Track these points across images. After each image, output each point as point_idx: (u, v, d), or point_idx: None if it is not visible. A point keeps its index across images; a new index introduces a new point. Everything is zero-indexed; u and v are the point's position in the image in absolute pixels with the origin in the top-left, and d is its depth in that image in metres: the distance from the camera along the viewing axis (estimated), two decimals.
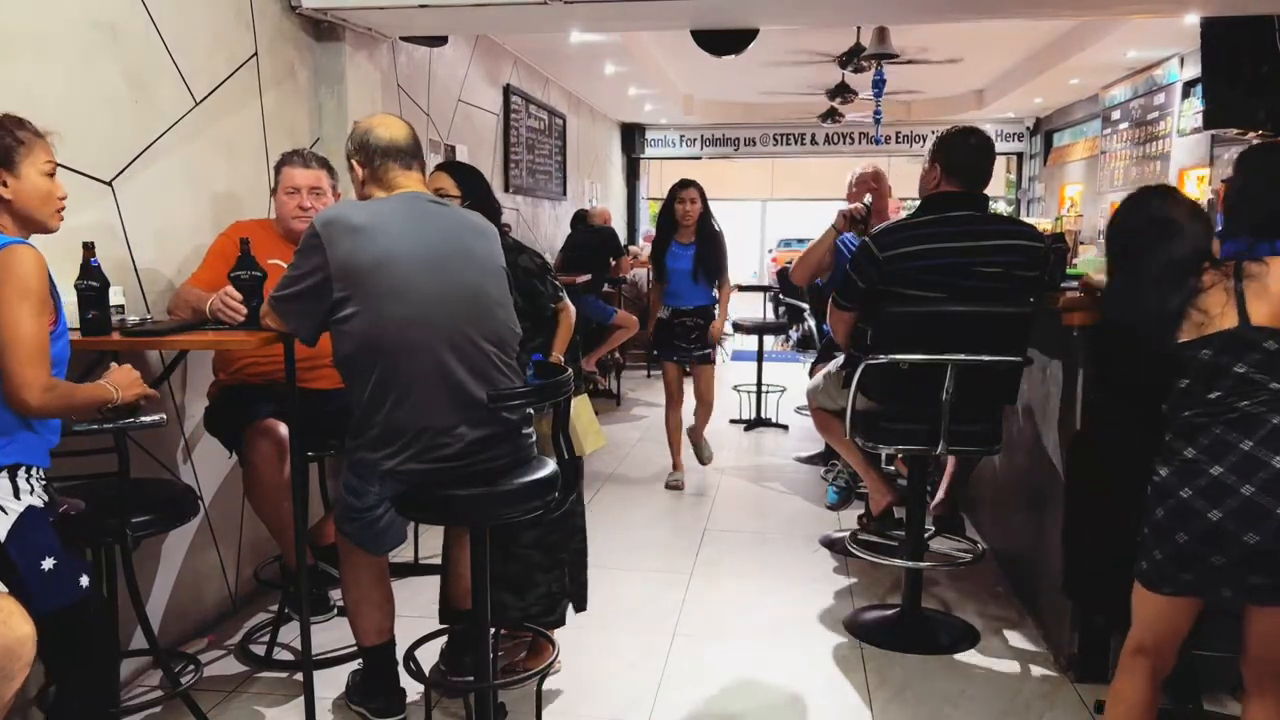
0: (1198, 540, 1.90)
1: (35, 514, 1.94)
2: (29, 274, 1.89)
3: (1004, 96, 10.30)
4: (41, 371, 1.89)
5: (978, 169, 3.06)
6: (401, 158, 2.44)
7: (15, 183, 2.01)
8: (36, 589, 1.89)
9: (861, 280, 3.07)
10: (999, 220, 3.26)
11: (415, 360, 2.29)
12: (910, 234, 3.03)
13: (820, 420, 3.90)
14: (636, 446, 6.17)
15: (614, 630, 3.37)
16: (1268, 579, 1.87)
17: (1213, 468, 1.91)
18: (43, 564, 1.91)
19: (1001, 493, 3.98)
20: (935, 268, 2.97)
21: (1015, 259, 2.96)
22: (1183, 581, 1.97)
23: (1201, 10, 4.65)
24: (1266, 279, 2.00)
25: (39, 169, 2.04)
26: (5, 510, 1.90)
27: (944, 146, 3.09)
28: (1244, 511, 1.86)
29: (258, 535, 3.49)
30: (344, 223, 2.29)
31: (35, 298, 1.89)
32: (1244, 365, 1.95)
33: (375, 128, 2.45)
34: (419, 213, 2.39)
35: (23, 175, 2.01)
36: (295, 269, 2.33)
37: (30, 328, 1.88)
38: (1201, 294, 2.03)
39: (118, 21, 2.90)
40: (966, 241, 2.96)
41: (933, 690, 2.96)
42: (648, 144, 13.07)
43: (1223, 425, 1.94)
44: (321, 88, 4.08)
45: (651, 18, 4.46)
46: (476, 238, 2.48)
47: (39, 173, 2.04)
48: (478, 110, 6.76)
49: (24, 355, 1.87)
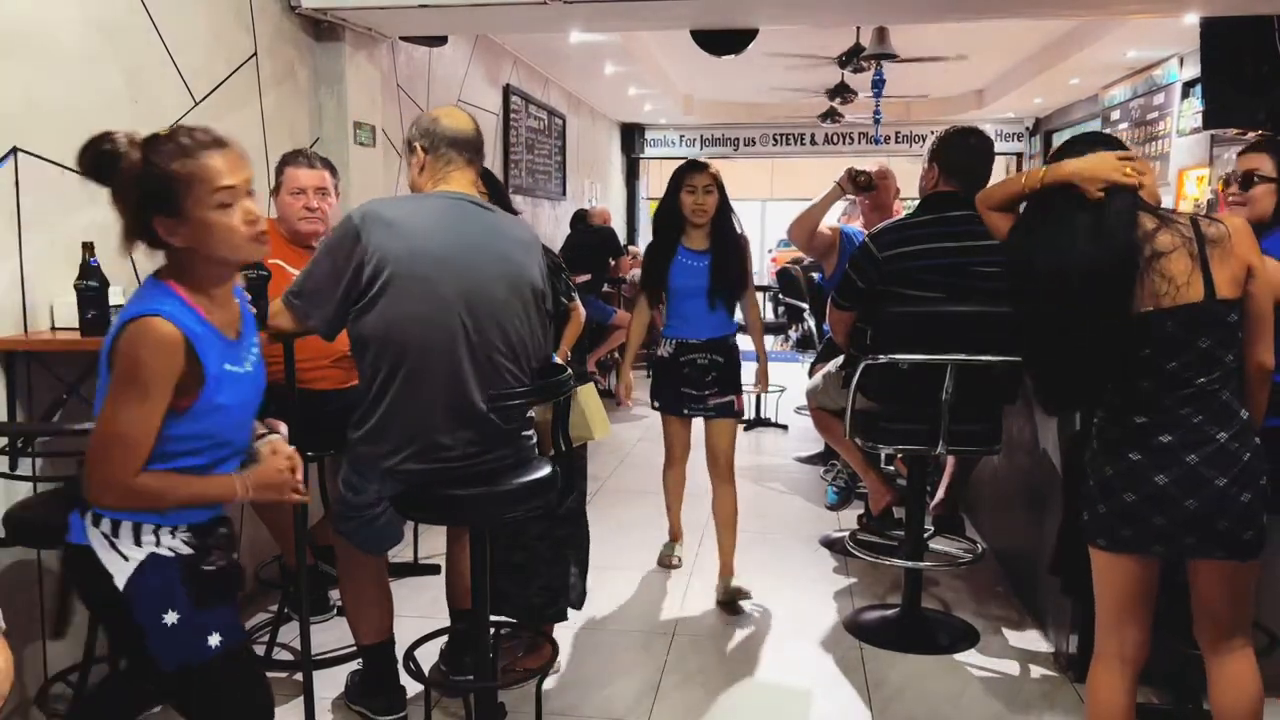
0: (1142, 500, 1.99)
1: (160, 562, 1.70)
2: (139, 357, 1.60)
3: (1004, 96, 10.31)
4: (121, 469, 1.62)
5: (976, 169, 3.06)
6: (465, 150, 2.42)
7: (185, 227, 1.64)
8: (155, 644, 1.70)
9: (861, 280, 3.08)
10: None
11: (426, 360, 2.28)
12: (909, 234, 3.04)
13: (820, 420, 3.90)
14: (636, 446, 6.17)
15: (614, 630, 3.37)
16: (1198, 539, 1.98)
17: (1162, 435, 1.98)
18: (164, 617, 1.69)
19: (1001, 493, 3.98)
20: (934, 268, 2.97)
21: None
22: (1121, 537, 2.03)
23: (1201, 10, 4.65)
24: (1229, 244, 1.98)
25: (211, 202, 1.64)
26: (126, 557, 1.69)
27: (943, 146, 3.10)
28: (1186, 479, 1.96)
29: (258, 535, 3.49)
30: (378, 215, 2.28)
31: (140, 384, 1.60)
32: (1207, 340, 1.96)
33: (442, 117, 2.44)
34: (458, 215, 2.37)
35: (190, 215, 1.63)
36: (327, 258, 2.29)
37: (125, 418, 1.61)
38: (1163, 258, 1.97)
39: (118, 21, 2.90)
40: (965, 241, 2.96)
41: (933, 690, 2.96)
42: (647, 144, 13.07)
43: (1176, 398, 1.98)
44: (321, 88, 4.08)
45: (651, 18, 4.46)
46: (515, 246, 2.44)
47: (212, 206, 1.64)
48: (477, 110, 6.76)
49: (103, 449, 1.62)
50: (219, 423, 1.71)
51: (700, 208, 3.50)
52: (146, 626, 1.69)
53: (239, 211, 1.66)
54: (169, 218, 1.63)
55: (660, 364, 3.67)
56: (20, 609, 2.54)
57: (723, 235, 3.56)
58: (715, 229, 3.56)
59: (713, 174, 3.52)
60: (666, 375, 3.63)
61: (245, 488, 1.75)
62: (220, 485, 1.75)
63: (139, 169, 1.62)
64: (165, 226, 1.64)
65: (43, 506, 2.41)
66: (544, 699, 2.72)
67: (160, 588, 1.70)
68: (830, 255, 4.11)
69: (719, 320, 3.58)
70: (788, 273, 7.74)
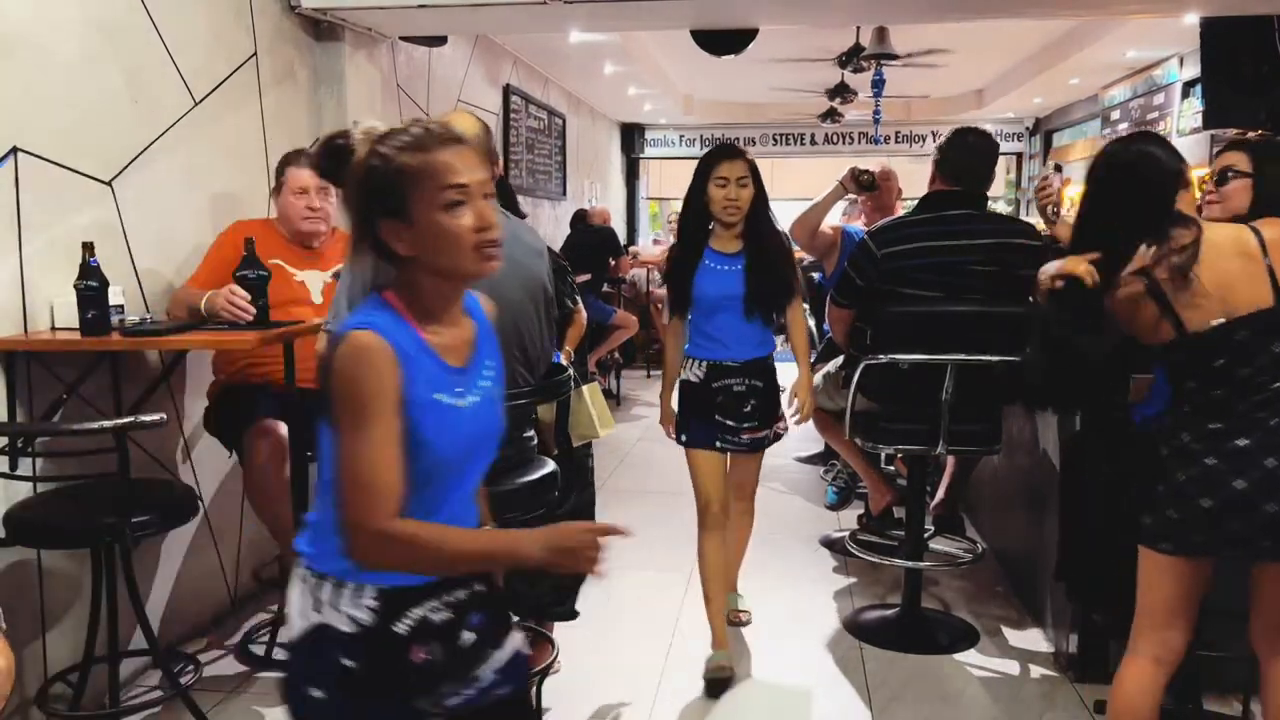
0: (1220, 505, 1.98)
1: (330, 635, 1.45)
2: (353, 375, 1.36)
3: (1004, 96, 10.31)
4: (369, 514, 1.36)
5: (973, 168, 3.08)
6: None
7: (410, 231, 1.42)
8: (293, 709, 1.51)
9: (860, 278, 3.09)
10: (996, 219, 3.27)
11: None
12: (907, 232, 3.05)
13: (820, 421, 3.90)
14: (636, 446, 6.17)
15: (614, 630, 3.37)
16: (1275, 541, 1.98)
17: (1239, 440, 1.98)
18: (310, 690, 1.47)
19: (1001, 493, 3.98)
20: (931, 266, 2.97)
21: (1012, 258, 2.96)
22: (1192, 542, 2.03)
23: (1201, 10, 4.65)
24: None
25: (440, 200, 1.41)
26: (301, 615, 1.50)
27: (943, 146, 3.12)
28: (1265, 482, 1.95)
29: (258, 535, 3.49)
30: None
31: (360, 407, 1.35)
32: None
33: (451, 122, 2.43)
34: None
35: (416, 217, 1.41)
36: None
37: (354, 451, 1.36)
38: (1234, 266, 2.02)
39: (118, 21, 2.90)
40: (963, 240, 2.97)
41: (933, 690, 2.96)
42: (647, 144, 13.06)
43: (1251, 403, 1.99)
44: (321, 88, 4.07)
45: (651, 18, 4.46)
46: (528, 252, 2.47)
47: (441, 205, 1.41)
48: (477, 110, 6.76)
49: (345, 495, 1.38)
50: (423, 469, 1.41)
51: (733, 204, 2.89)
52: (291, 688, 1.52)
53: (470, 215, 1.43)
54: (395, 220, 1.42)
55: (689, 390, 3.03)
56: (20, 609, 2.54)
57: (759, 234, 2.96)
58: (750, 227, 2.95)
59: (748, 161, 2.91)
60: (697, 404, 3.01)
61: (538, 546, 1.42)
62: (508, 541, 1.47)
63: (366, 164, 1.44)
64: (391, 231, 1.43)
65: (43, 506, 2.42)
66: (544, 699, 2.73)
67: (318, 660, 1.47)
68: (831, 255, 4.12)
69: (757, 336, 3.00)
70: None
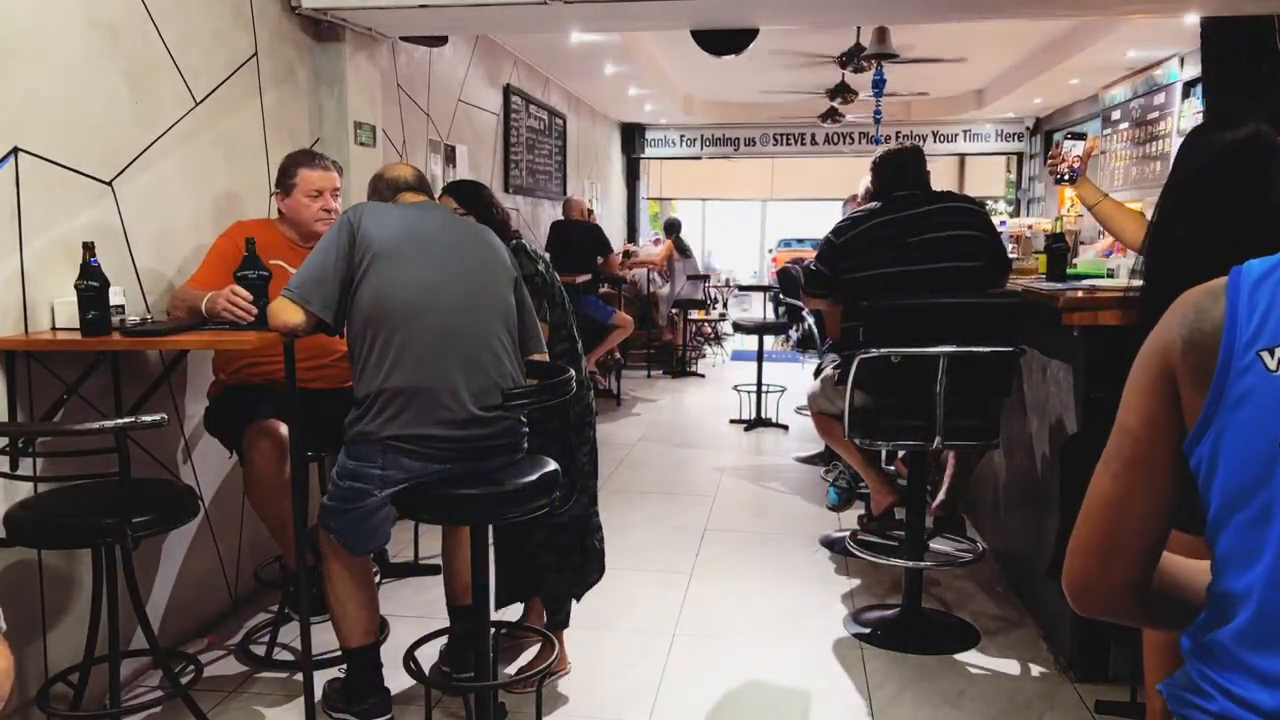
0: None
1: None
2: None
3: (1004, 96, 10.31)
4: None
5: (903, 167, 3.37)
6: (410, 190, 2.74)
7: None
8: None
9: (828, 269, 3.36)
10: (941, 195, 3.43)
11: (416, 322, 2.40)
12: (860, 217, 3.37)
13: (821, 424, 3.91)
14: (636, 446, 6.17)
15: (614, 630, 3.37)
16: None
17: None
18: None
19: (1002, 493, 3.98)
20: (884, 238, 3.23)
21: (959, 221, 3.23)
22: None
23: (1201, 10, 4.65)
24: None
25: None
26: None
27: (873, 168, 3.47)
28: None
29: (258, 535, 3.49)
30: (369, 207, 2.57)
31: None
32: None
33: (385, 173, 2.80)
34: (437, 211, 2.70)
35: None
36: (321, 251, 2.47)
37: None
38: None
39: (118, 21, 2.90)
40: (910, 210, 3.25)
41: (933, 690, 2.96)
42: (648, 144, 13.08)
43: None
44: (321, 88, 4.08)
45: (651, 18, 4.46)
46: (488, 244, 2.68)
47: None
48: (478, 110, 6.76)
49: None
50: None
51: None
52: None
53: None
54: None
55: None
56: (20, 609, 2.54)
57: None
58: None
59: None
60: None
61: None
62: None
63: None
64: None
65: (43, 507, 2.42)
66: (544, 699, 2.73)
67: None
68: None
69: None
70: (788, 273, 7.74)
